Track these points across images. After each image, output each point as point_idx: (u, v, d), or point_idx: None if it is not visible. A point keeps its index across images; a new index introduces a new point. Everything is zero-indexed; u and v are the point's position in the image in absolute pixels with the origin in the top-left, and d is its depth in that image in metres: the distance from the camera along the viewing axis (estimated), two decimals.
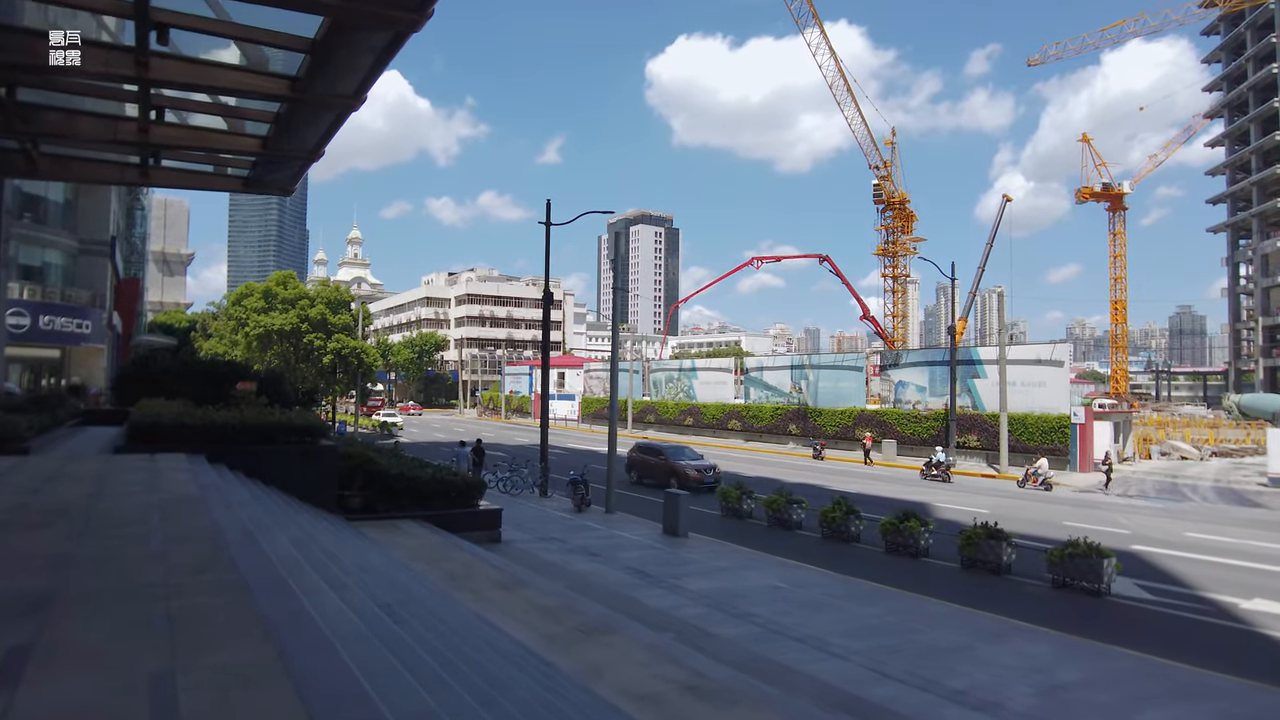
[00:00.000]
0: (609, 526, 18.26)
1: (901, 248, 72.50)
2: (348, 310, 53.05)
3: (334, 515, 12.73)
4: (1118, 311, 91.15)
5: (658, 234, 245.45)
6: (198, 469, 9.70)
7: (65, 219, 33.48)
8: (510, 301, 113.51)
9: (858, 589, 13.02)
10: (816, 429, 42.14)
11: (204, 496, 7.66)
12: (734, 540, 17.25)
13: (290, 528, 7.79)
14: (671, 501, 17.12)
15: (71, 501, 7.29)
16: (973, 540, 15.07)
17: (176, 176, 11.06)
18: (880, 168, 69.25)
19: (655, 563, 14.22)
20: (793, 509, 18.76)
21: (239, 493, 8.99)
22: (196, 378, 17.15)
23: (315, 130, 8.81)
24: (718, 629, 10.02)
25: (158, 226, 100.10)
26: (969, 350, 37.98)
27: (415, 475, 14.17)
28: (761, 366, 49.74)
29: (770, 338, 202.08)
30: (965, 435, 35.82)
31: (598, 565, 13.72)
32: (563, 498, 22.71)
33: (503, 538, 15.16)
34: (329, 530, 9.82)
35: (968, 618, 11.60)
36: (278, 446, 12.59)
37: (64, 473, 9.13)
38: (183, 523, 6.37)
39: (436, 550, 11.50)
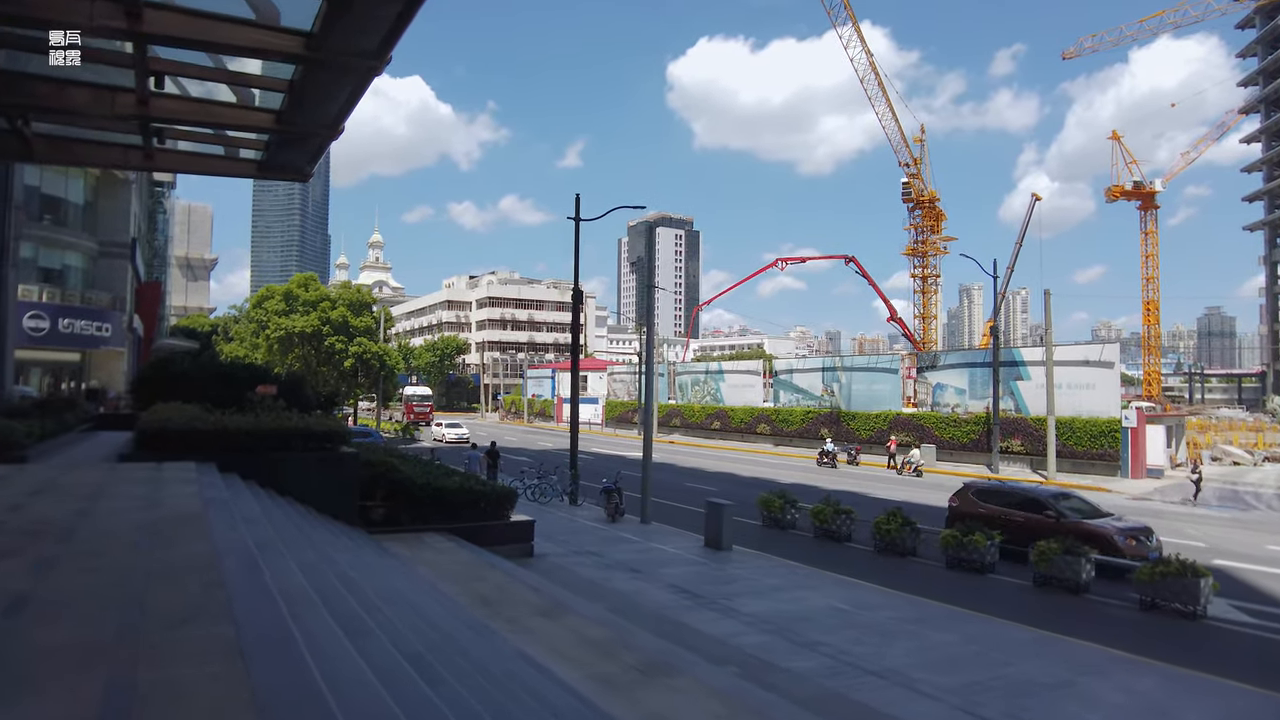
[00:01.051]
0: (646, 538, 17.16)
1: (931, 247, 70.90)
2: (369, 313, 52.42)
3: (354, 528, 11.76)
4: (1150, 313, 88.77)
5: (678, 236, 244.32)
6: (205, 480, 8.73)
7: (85, 221, 33.02)
8: (531, 304, 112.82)
9: (928, 611, 11.83)
10: (849, 433, 40.77)
11: (206, 514, 6.66)
12: (780, 553, 16.10)
13: (304, 549, 6.77)
14: (714, 512, 15.99)
15: (53, 521, 6.31)
16: (1046, 556, 13.81)
17: (184, 160, 10.15)
18: (910, 165, 67.78)
19: (702, 580, 13.10)
20: (841, 520, 17.57)
21: (249, 507, 7.99)
22: (215, 381, 16.43)
23: (334, 99, 7.82)
24: (785, 661, 8.88)
25: (181, 231, 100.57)
26: (1011, 351, 36.50)
27: (442, 485, 13.16)
28: (791, 369, 48.41)
29: (792, 340, 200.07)
30: (1008, 440, 34.34)
31: (640, 583, 12.62)
32: (594, 506, 21.65)
33: (535, 551, 14.12)
34: (348, 548, 8.80)
35: (1057, 646, 10.38)
36: (295, 454, 11.64)
37: (56, 485, 8.18)
38: (175, 549, 5.35)
39: (467, 568, 10.46)
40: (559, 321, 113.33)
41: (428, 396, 70.65)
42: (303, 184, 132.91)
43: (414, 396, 68.54)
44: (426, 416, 65.17)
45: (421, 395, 69.55)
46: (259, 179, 10.44)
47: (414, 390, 70.66)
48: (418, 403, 67.17)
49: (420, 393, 70.16)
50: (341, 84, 7.48)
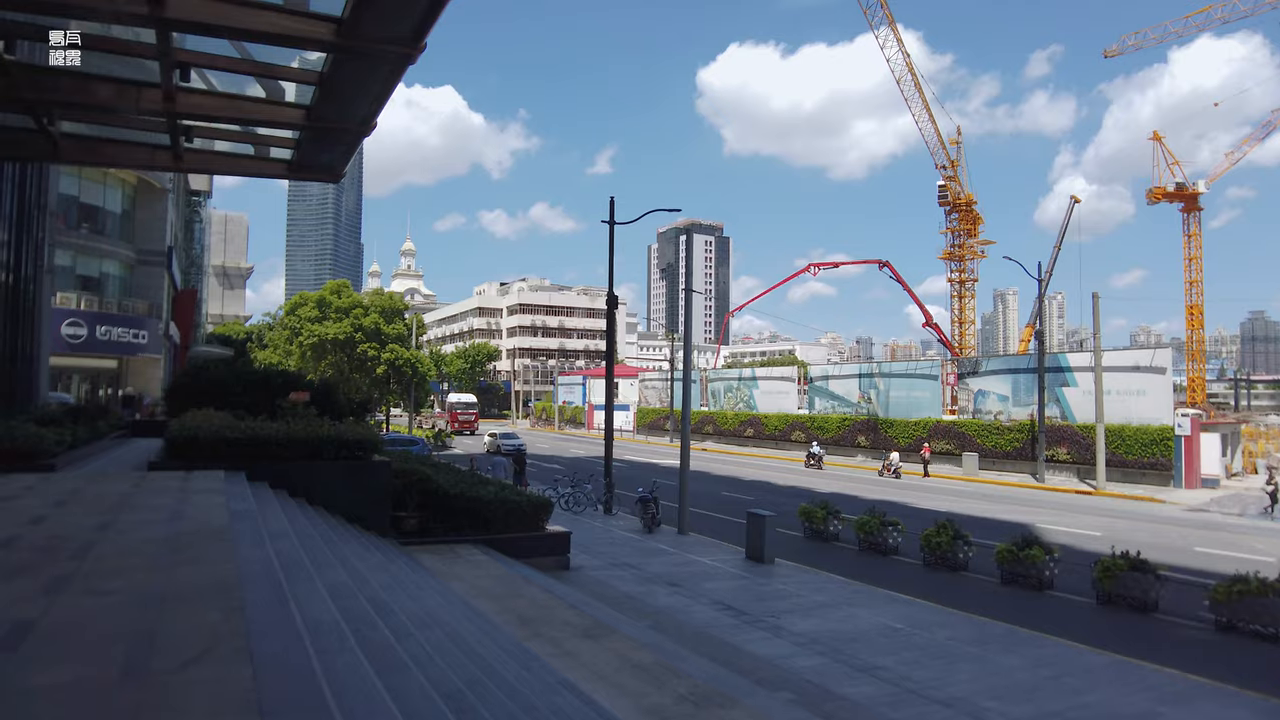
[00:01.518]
0: (684, 550, 16.61)
1: (969, 251, 69.49)
2: (402, 320, 52.46)
3: (385, 539, 11.38)
4: (1194, 317, 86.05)
5: (708, 243, 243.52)
6: (233, 490, 8.38)
7: (123, 230, 33.37)
8: (562, 311, 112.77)
9: (989, 631, 11.15)
10: (888, 441, 39.82)
11: (232, 528, 6.27)
12: (824, 567, 15.46)
13: (333, 568, 6.35)
14: (756, 524, 15.40)
15: (73, 534, 5.95)
16: (1112, 572, 13.04)
17: (213, 160, 9.87)
18: (947, 167, 66.53)
19: (746, 596, 12.52)
20: (888, 532, 16.87)
21: (277, 520, 7.61)
22: (248, 388, 16.28)
23: (366, 91, 7.44)
24: (842, 687, 8.30)
25: (218, 241, 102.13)
26: (1057, 357, 35.38)
27: (476, 494, 12.75)
28: (827, 375, 47.52)
29: (823, 347, 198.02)
30: (1054, 448, 33.26)
31: (682, 599, 12.08)
32: (628, 515, 21.15)
33: (571, 563, 13.64)
34: (380, 565, 8.39)
35: (1134, 672, 9.66)
36: (326, 462, 11.31)
37: (81, 495, 7.87)
38: (196, 569, 4.94)
39: (503, 584, 10.01)
40: (590, 328, 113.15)
41: (473, 404, 67.44)
42: (336, 194, 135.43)
43: (458, 404, 65.92)
44: (472, 425, 63.05)
45: (466, 403, 66.56)
46: (290, 179, 10.12)
47: (458, 397, 68.03)
48: (462, 410, 64.62)
49: (465, 400, 67.39)
50: (374, 74, 7.09)
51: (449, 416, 64.15)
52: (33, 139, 9.02)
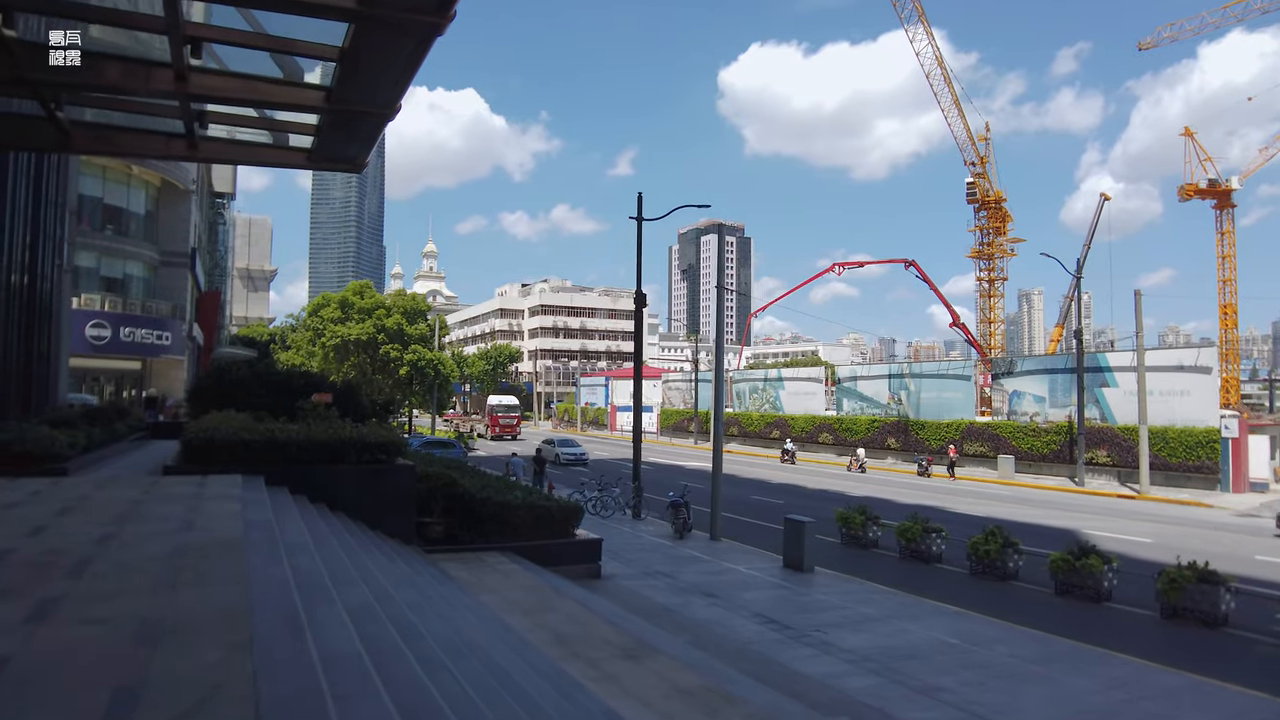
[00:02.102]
0: (718, 557, 15.97)
1: (998, 249, 68.15)
2: (424, 320, 52.17)
3: (410, 547, 10.86)
4: (1227, 316, 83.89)
5: (730, 243, 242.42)
6: (250, 496, 7.87)
7: (147, 231, 33.29)
8: (584, 312, 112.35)
9: (1053, 649, 10.41)
10: (919, 443, 38.91)
11: (246, 540, 5.74)
12: (865, 576, 14.76)
13: (355, 587, 5.79)
14: (795, 530, 14.72)
15: (71, 548, 5.44)
16: (1178, 584, 12.23)
17: (229, 149, 9.40)
18: (976, 164, 65.29)
19: (788, 608, 11.86)
20: (931, 539, 16.13)
21: (295, 530, 7.08)
22: (271, 389, 15.96)
23: (390, 66, 6.89)
24: (905, 713, 7.63)
25: (242, 244, 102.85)
26: (1096, 356, 34.29)
27: (504, 500, 12.19)
28: (855, 376, 46.60)
29: (846, 347, 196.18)
30: (1093, 450, 32.20)
31: (721, 611, 11.44)
32: (657, 520, 20.55)
33: (602, 571, 13.05)
34: (406, 578, 7.84)
35: (1216, 695, 8.90)
36: (348, 466, 10.81)
37: (88, 503, 7.38)
38: (202, 591, 4.40)
39: (535, 595, 9.43)
40: (611, 329, 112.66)
41: (515, 407, 60.81)
42: (358, 198, 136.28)
43: (499, 407, 59.28)
44: (514, 429, 57.41)
45: (508, 405, 59.86)
46: (310, 169, 9.62)
47: (499, 400, 61.37)
48: (503, 414, 58.21)
49: (506, 402, 60.66)
50: (399, 47, 6.54)
51: (488, 420, 58.71)
52: (41, 127, 8.57)
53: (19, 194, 11.93)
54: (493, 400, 61.86)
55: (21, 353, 12.42)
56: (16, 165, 11.79)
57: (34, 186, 12.71)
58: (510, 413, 58.69)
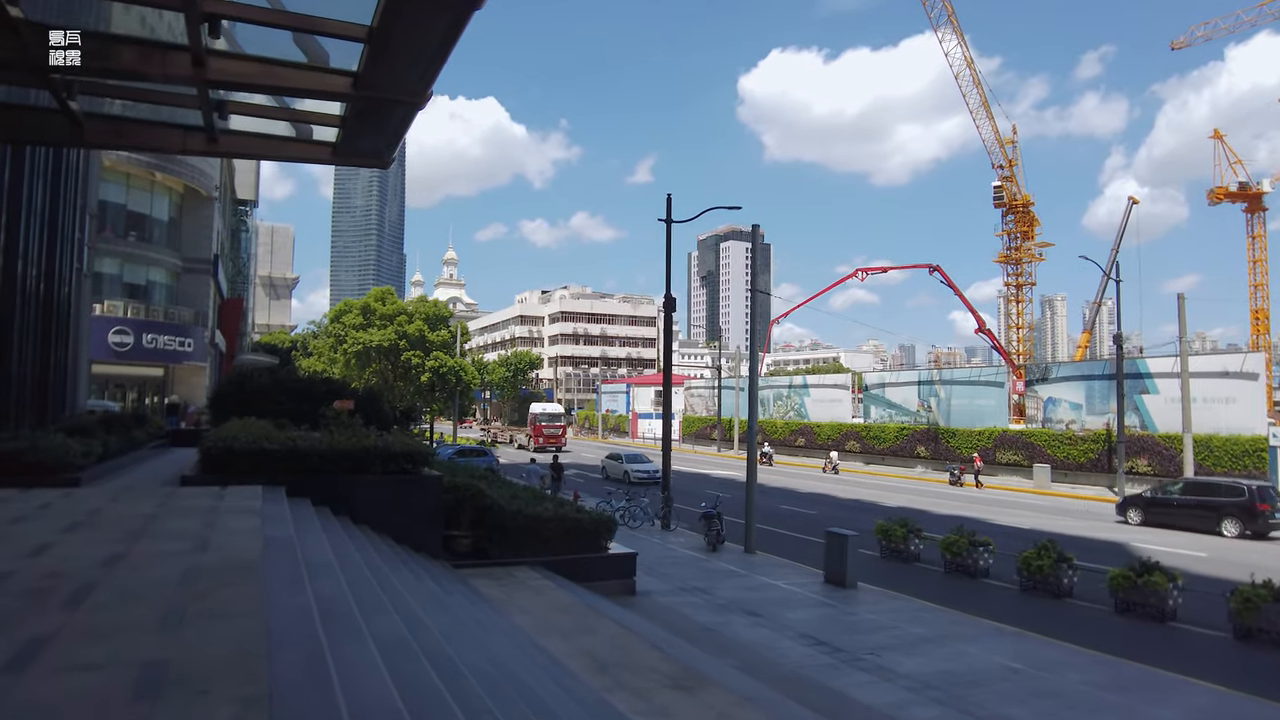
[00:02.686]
0: (754, 571, 15.30)
1: (1026, 253, 66.96)
2: (446, 327, 51.83)
3: (437, 562, 10.32)
4: (1259, 321, 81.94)
5: (748, 250, 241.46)
6: (270, 510, 7.36)
7: (169, 238, 33.22)
8: (604, 319, 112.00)
9: (1123, 674, 9.66)
10: (950, 451, 37.97)
11: (266, 560, 5.21)
12: (910, 591, 14.03)
13: (385, 615, 5.24)
14: (837, 544, 14.03)
15: (75, 570, 4.93)
16: (1252, 603, 11.42)
17: (251, 143, 8.93)
18: (1004, 167, 64.24)
19: (835, 628, 11.18)
20: (978, 553, 15.37)
21: (317, 547, 6.54)
22: (292, 396, 15.70)
23: (423, 44, 6.38)
24: None
25: (264, 252, 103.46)
26: (1135, 362, 33.26)
27: (534, 512, 11.63)
28: (884, 383, 45.69)
29: (865, 354, 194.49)
30: (1133, 459, 31.16)
31: (765, 631, 10.79)
32: (687, 531, 19.92)
33: (636, 588, 12.45)
34: (437, 599, 7.28)
35: None
36: (372, 476, 10.30)
37: (99, 517, 6.90)
38: (214, 626, 3.85)
39: (570, 616, 8.85)
40: (632, 336, 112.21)
41: (559, 415, 55.81)
42: (379, 206, 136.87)
43: (543, 416, 54.41)
44: (559, 440, 52.45)
45: (552, 414, 54.93)
46: (335, 164, 9.13)
47: (542, 408, 56.57)
48: (547, 423, 53.38)
49: (550, 411, 55.82)
50: (434, 23, 6.02)
51: (531, 430, 54.06)
52: (54, 120, 8.14)
53: (36, 193, 11.56)
54: (536, 409, 56.87)
55: (38, 358, 12.04)
56: (34, 164, 11.43)
57: (52, 187, 12.35)
58: (555, 422, 54.10)
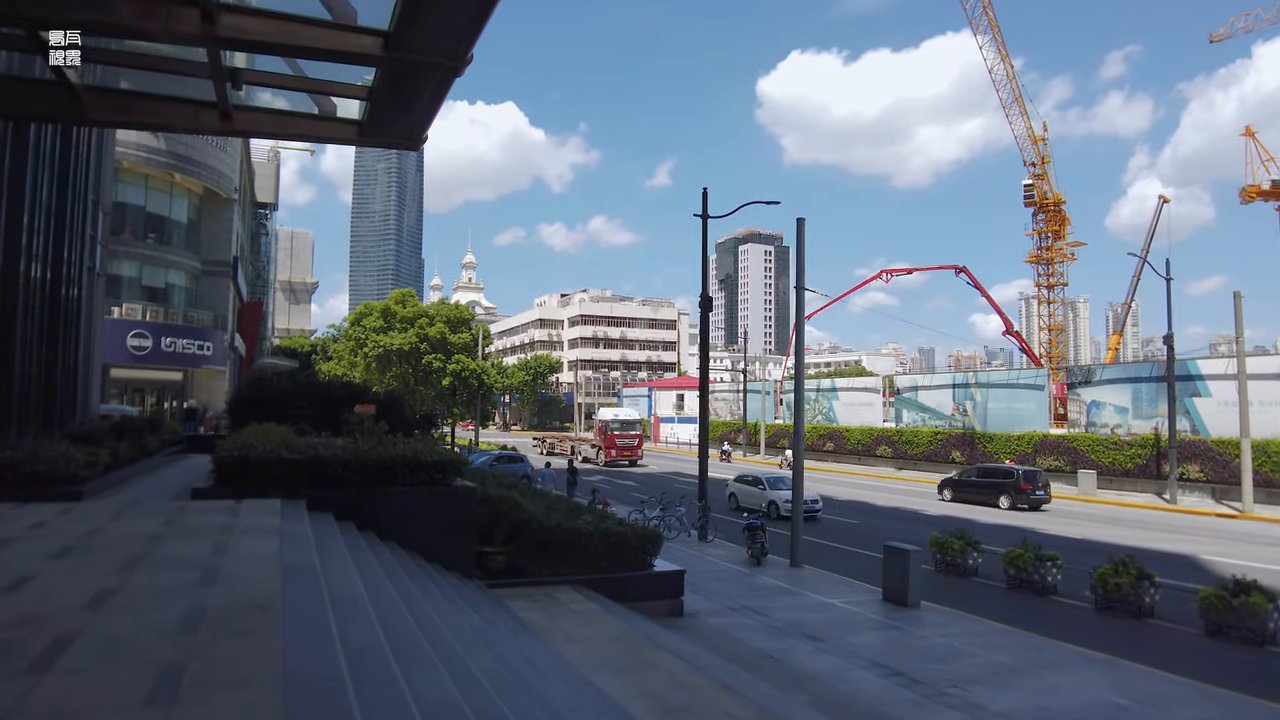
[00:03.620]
0: (804, 587, 14.29)
1: (1057, 253, 65.39)
2: (467, 329, 51.09)
3: (471, 582, 9.42)
4: None
5: (767, 253, 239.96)
6: (290, 529, 6.47)
7: (189, 240, 32.73)
8: (624, 322, 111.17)
9: (1247, 713, 8.59)
10: (987, 456, 36.69)
11: (285, 597, 4.31)
12: (974, 610, 12.97)
13: (429, 665, 4.31)
14: (898, 560, 12.98)
15: (55, 614, 4.04)
16: None
17: (269, 120, 8.08)
18: (1035, 165, 62.76)
19: (908, 655, 10.15)
20: (1046, 568, 14.28)
21: (345, 578, 5.63)
22: (313, 400, 15.03)
23: (465, 1, 5.47)
24: None
25: (284, 257, 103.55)
26: (1185, 364, 31.90)
27: (575, 527, 10.71)
28: (916, 386, 44.42)
29: (886, 356, 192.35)
30: (1184, 465, 29.81)
31: (832, 659, 9.78)
32: (725, 542, 18.93)
33: (684, 608, 11.49)
34: (479, 632, 6.36)
35: None
36: (401, 488, 9.41)
37: (96, 539, 6.04)
38: (219, 704, 2.94)
39: (624, 646, 7.90)
40: (652, 339, 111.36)
41: (634, 423, 45.06)
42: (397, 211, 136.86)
43: (615, 423, 44.32)
44: (635, 453, 43.43)
45: (625, 421, 44.80)
46: (361, 144, 8.26)
47: (614, 414, 46.16)
48: (620, 431, 43.74)
49: (624, 417, 45.32)
50: None
51: (602, 440, 44.17)
52: (53, 94, 7.34)
53: (41, 183, 10.79)
54: (606, 415, 46.12)
55: (43, 360, 11.26)
56: (39, 152, 10.66)
57: (59, 178, 11.59)
58: (629, 430, 43.91)
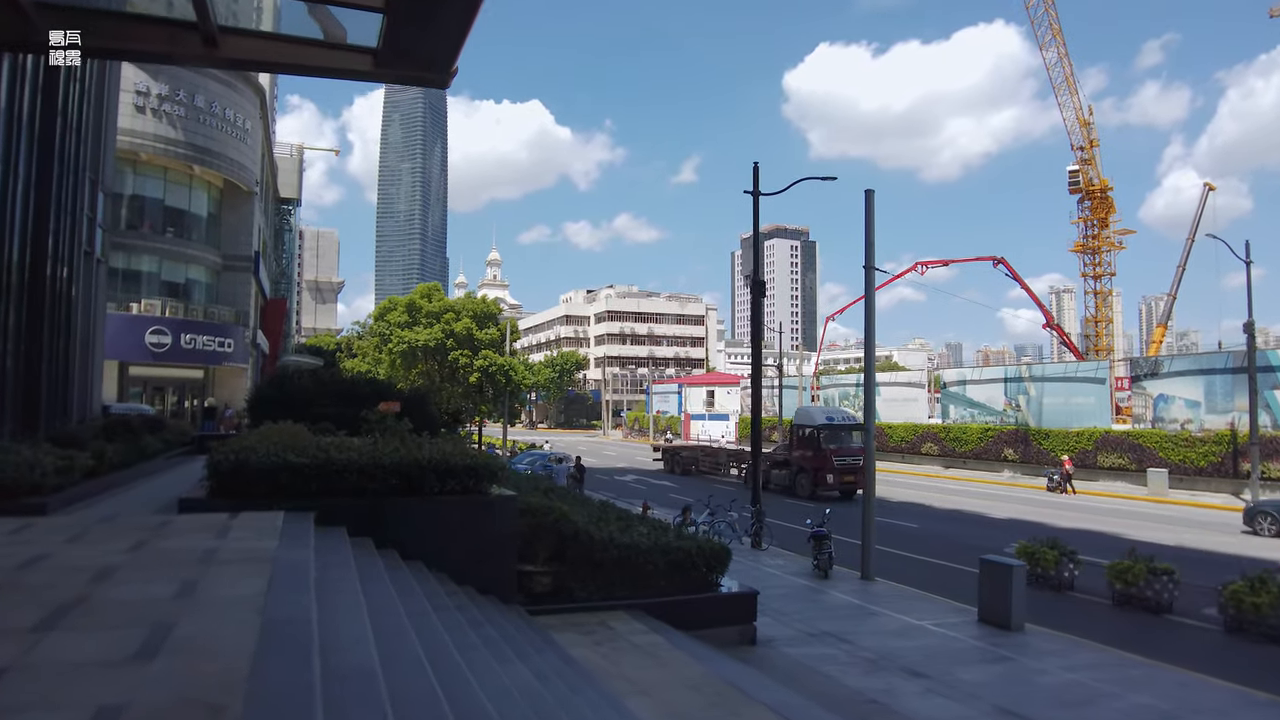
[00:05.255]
0: (882, 605, 12.62)
1: (1104, 242, 62.79)
2: (494, 324, 49.79)
3: (511, 609, 7.91)
4: None
5: (793, 248, 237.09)
6: (289, 556, 4.97)
7: (209, 234, 31.70)
8: (651, 318, 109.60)
9: None
10: (1042, 454, 34.65)
11: (253, 682, 2.80)
12: (1079, 632, 11.25)
13: None
14: (1000, 576, 11.27)
15: None
16: None
17: (263, 47, 6.55)
18: (1083, 149, 60.22)
19: (1036, 696, 8.44)
20: (1161, 581, 12.49)
21: (351, 633, 4.11)
22: (335, 398, 14.08)
23: None
24: None
25: (310, 256, 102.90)
26: (1265, 354, 29.66)
27: (628, 541, 9.18)
28: (964, 380, 42.35)
29: (915, 351, 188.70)
30: (1264, 463, 27.62)
31: (946, 702, 8.11)
32: (780, 550, 17.32)
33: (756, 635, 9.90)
34: (531, 695, 4.82)
35: None
36: (427, 497, 7.92)
37: (33, 571, 4.59)
38: None
39: (705, 697, 6.33)
40: (680, 335, 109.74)
41: (853, 428, 28.78)
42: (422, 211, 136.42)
43: (826, 432, 28.57)
44: (856, 480, 26.22)
45: (843, 427, 29.03)
46: (376, 79, 6.73)
47: (825, 414, 30.55)
48: (840, 446, 28.24)
49: (840, 421, 29.59)
50: None
51: (811, 461, 28.50)
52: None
53: (18, 152, 9.43)
54: (809, 415, 30.88)
55: (23, 355, 9.90)
56: (12, 115, 9.29)
57: (41, 146, 10.24)
58: (853, 453, 27.64)
